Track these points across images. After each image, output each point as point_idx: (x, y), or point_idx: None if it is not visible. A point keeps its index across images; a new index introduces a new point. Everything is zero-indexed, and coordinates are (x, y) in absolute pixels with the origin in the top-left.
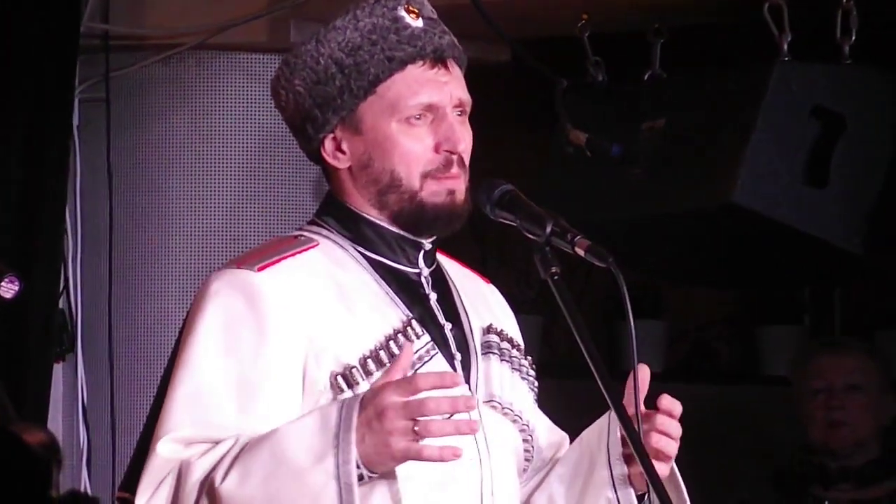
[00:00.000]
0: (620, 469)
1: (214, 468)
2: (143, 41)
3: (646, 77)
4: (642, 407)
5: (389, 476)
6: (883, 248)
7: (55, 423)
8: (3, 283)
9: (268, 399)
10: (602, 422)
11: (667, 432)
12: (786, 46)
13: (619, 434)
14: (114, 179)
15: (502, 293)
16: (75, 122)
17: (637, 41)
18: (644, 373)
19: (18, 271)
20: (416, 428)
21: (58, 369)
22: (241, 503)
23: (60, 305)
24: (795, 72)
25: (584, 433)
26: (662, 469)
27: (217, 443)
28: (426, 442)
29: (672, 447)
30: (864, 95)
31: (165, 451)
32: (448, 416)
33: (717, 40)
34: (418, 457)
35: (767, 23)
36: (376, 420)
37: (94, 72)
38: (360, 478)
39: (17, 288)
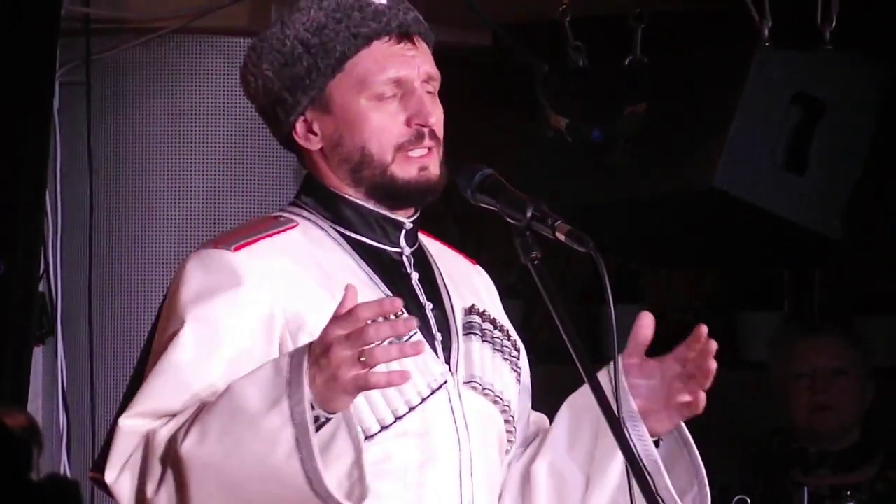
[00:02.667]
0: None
1: (177, 432)
2: (124, 24)
3: (627, 62)
4: (624, 383)
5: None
6: (861, 234)
7: (35, 406)
8: None
9: (240, 374)
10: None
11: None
12: (766, 32)
13: (623, 381)
14: (94, 163)
15: None
16: (55, 105)
17: (618, 26)
18: (648, 319)
19: None
20: (361, 358)
21: (37, 353)
22: (202, 463)
23: (40, 289)
24: (776, 57)
25: (571, 400)
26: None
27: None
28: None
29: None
30: (844, 81)
31: (127, 425)
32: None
33: (697, 25)
34: (366, 385)
35: (748, 8)
36: (323, 357)
37: (75, 55)
38: (317, 419)
39: None
